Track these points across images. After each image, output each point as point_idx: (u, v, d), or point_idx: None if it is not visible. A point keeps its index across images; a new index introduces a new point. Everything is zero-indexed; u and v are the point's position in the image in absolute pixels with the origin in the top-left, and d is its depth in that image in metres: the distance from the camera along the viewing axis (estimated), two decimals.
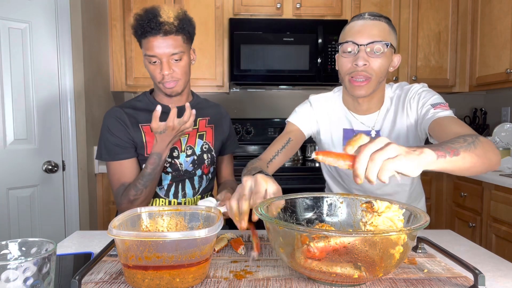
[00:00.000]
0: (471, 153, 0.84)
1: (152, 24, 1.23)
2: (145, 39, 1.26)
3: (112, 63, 2.71)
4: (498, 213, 2.06)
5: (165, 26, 1.23)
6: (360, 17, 1.16)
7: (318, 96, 1.35)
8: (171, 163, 1.37)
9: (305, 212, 0.90)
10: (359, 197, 0.88)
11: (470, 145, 0.85)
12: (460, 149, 0.82)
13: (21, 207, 2.07)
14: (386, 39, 1.13)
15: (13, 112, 2.01)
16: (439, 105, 1.14)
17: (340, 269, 0.68)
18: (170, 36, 1.25)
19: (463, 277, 0.77)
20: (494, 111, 3.00)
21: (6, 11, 1.97)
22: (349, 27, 1.17)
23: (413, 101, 1.21)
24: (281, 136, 1.31)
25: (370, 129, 1.26)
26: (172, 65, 1.28)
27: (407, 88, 1.25)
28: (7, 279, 0.54)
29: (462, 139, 0.87)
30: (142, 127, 1.36)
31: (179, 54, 1.27)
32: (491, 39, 2.54)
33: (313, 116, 1.33)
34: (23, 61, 2.04)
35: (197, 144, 1.41)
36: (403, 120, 1.23)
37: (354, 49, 1.13)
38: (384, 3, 2.76)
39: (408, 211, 0.78)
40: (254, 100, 3.14)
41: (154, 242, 0.68)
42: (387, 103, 1.26)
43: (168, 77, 1.28)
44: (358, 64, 1.12)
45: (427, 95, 1.19)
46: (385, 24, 1.15)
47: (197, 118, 1.43)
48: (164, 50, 1.25)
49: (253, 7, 2.71)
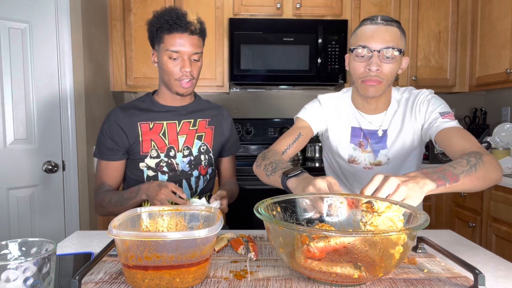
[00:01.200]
0: (471, 177, 0.93)
1: (180, 22, 1.28)
2: (170, 35, 1.29)
3: (112, 63, 2.71)
4: (498, 213, 2.06)
5: (192, 26, 1.30)
6: (373, 21, 1.18)
7: (326, 95, 1.39)
8: (168, 163, 1.38)
9: (305, 212, 0.90)
10: (359, 197, 0.87)
11: (472, 169, 0.94)
12: (460, 175, 0.91)
13: (21, 207, 2.07)
14: (398, 45, 1.16)
15: (13, 112, 2.01)
16: (447, 114, 1.20)
17: (340, 269, 0.68)
18: (195, 36, 1.32)
19: (463, 277, 0.77)
20: (494, 111, 3.00)
21: (6, 11, 1.97)
22: (362, 31, 1.19)
23: (422, 106, 1.25)
24: (292, 130, 1.34)
25: (377, 128, 1.30)
26: (192, 63, 1.33)
27: (416, 93, 1.29)
28: (7, 279, 0.54)
29: (466, 161, 0.96)
30: (140, 125, 1.38)
31: (199, 54, 1.34)
32: (491, 39, 2.54)
33: (322, 114, 1.36)
34: (23, 61, 2.04)
35: (195, 144, 1.42)
36: (411, 122, 1.27)
37: (367, 54, 1.16)
38: (384, 3, 2.76)
39: (408, 211, 0.78)
40: (254, 100, 3.14)
41: (154, 242, 0.68)
42: (394, 105, 1.31)
43: (188, 75, 1.32)
44: (371, 69, 1.16)
45: (436, 102, 1.24)
46: (396, 29, 1.17)
47: (197, 119, 1.44)
48: (189, 48, 1.30)
49: (253, 7, 2.71)
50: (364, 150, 1.32)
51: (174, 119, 1.41)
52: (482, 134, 2.79)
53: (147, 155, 1.37)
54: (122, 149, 1.38)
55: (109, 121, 1.38)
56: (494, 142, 2.58)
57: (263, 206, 0.79)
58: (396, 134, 1.28)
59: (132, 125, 1.37)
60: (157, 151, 1.37)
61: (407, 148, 1.29)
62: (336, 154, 1.37)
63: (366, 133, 1.31)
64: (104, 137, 1.38)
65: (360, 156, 1.32)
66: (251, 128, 3.03)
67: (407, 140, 1.28)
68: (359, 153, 1.32)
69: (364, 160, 1.32)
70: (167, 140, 1.39)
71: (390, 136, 1.29)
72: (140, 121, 1.38)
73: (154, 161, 1.37)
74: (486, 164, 0.97)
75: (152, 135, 1.38)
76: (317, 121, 1.35)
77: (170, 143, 1.39)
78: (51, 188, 2.18)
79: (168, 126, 1.40)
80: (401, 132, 1.28)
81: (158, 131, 1.38)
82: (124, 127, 1.36)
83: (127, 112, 1.38)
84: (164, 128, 1.39)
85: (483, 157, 0.98)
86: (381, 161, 1.31)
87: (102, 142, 1.39)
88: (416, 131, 1.27)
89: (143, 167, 1.38)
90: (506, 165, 2.19)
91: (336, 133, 1.35)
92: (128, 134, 1.36)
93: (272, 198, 0.86)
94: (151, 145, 1.37)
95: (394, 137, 1.29)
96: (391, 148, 1.29)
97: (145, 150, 1.37)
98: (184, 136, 1.41)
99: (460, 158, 0.98)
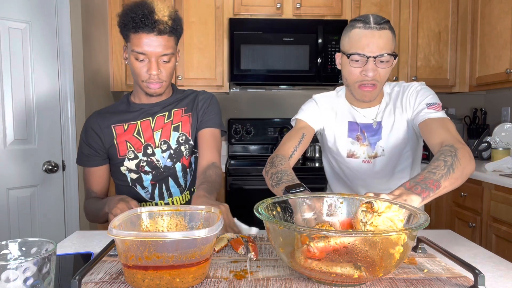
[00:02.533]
0: (451, 179, 0.97)
1: (146, 21, 1.17)
2: (136, 34, 1.19)
3: (112, 63, 2.71)
4: (498, 213, 2.06)
5: (160, 24, 1.18)
6: (366, 25, 1.17)
7: (321, 95, 1.41)
8: (148, 161, 1.33)
9: (305, 212, 0.89)
10: (359, 197, 0.88)
11: (450, 170, 0.99)
12: (440, 180, 0.95)
13: (21, 207, 2.07)
14: (391, 49, 1.19)
15: (13, 112, 2.01)
16: (433, 105, 1.22)
17: (340, 269, 0.68)
18: (164, 36, 1.20)
19: (463, 277, 0.77)
20: (494, 111, 3.00)
21: (6, 11, 1.97)
22: (356, 37, 1.19)
23: (411, 97, 1.27)
24: (295, 132, 1.35)
25: (371, 121, 1.33)
26: (160, 65, 1.23)
27: (406, 85, 1.32)
28: (7, 279, 0.54)
29: (443, 163, 1.00)
30: (114, 128, 1.34)
31: (169, 55, 1.23)
32: (491, 39, 2.54)
33: (319, 113, 1.37)
34: (23, 61, 2.04)
35: (172, 137, 1.35)
36: (402, 115, 1.30)
37: (363, 60, 1.18)
38: (384, 3, 2.76)
39: (408, 211, 0.78)
40: (254, 100, 3.14)
41: (154, 242, 0.68)
42: (386, 98, 1.34)
43: (155, 78, 1.23)
44: (368, 75, 1.18)
45: (424, 93, 1.26)
46: (389, 32, 1.18)
47: (171, 110, 1.37)
48: (156, 50, 1.20)
49: (253, 7, 2.71)
50: (362, 144, 1.34)
51: (147, 117, 1.35)
52: (482, 134, 2.79)
53: (125, 158, 1.33)
54: (100, 154, 1.35)
55: (85, 127, 1.37)
56: (494, 142, 2.58)
57: (263, 206, 0.79)
58: (391, 125, 1.31)
59: (106, 129, 1.33)
60: (134, 152, 1.33)
61: (401, 140, 1.31)
62: (335, 151, 1.38)
63: (362, 126, 1.34)
64: (81, 144, 1.37)
65: (359, 149, 1.35)
66: (251, 128, 3.03)
67: (400, 132, 1.30)
68: (358, 147, 1.35)
69: (363, 153, 1.34)
70: (143, 138, 1.33)
71: (385, 127, 1.32)
72: (113, 123, 1.34)
73: (133, 162, 1.33)
74: (462, 161, 1.01)
75: (126, 136, 1.33)
76: (315, 120, 1.36)
77: (147, 140, 1.33)
78: (51, 188, 2.18)
79: (141, 124, 1.34)
80: (394, 123, 1.30)
81: (132, 131, 1.34)
82: (98, 131, 1.33)
83: (101, 116, 1.36)
84: (138, 127, 1.34)
85: (458, 153, 1.02)
86: (377, 153, 1.33)
87: (80, 148, 1.38)
88: (409, 123, 1.30)
89: (124, 170, 1.34)
90: (506, 165, 2.19)
91: (333, 129, 1.37)
92: (102, 139, 1.33)
93: (272, 198, 0.86)
94: (127, 147, 1.33)
95: (388, 128, 1.31)
96: (386, 139, 1.31)
97: (122, 153, 1.33)
98: (160, 131, 1.34)
99: (437, 159, 1.01)
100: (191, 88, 1.54)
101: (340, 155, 1.37)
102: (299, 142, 1.31)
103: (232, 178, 2.51)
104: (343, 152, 1.36)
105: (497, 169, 2.20)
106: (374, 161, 1.34)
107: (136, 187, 1.36)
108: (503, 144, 2.51)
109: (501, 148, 2.44)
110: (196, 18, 2.71)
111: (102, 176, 1.38)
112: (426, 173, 0.97)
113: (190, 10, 2.71)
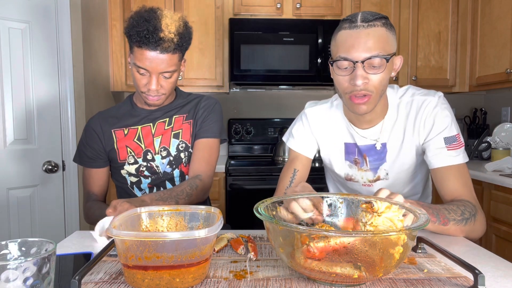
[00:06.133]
0: (458, 227, 0.96)
1: (151, 38, 1.14)
2: (139, 49, 1.17)
3: (112, 63, 2.71)
4: (498, 213, 2.06)
5: (164, 43, 1.15)
6: (352, 25, 0.99)
7: (315, 108, 1.24)
8: (148, 167, 1.34)
9: (305, 212, 0.89)
10: (359, 197, 0.88)
11: (463, 221, 0.97)
12: (451, 221, 0.93)
13: (21, 207, 2.07)
14: (384, 49, 0.98)
15: (13, 112, 2.01)
16: (453, 143, 1.06)
17: (340, 269, 0.68)
18: (168, 54, 1.18)
19: (463, 277, 0.77)
20: (494, 111, 3.00)
21: (6, 11, 1.97)
22: (341, 38, 1.01)
23: (427, 122, 1.09)
24: (286, 168, 1.25)
25: (374, 142, 1.14)
26: (161, 80, 1.22)
27: (420, 101, 1.10)
28: (7, 279, 0.54)
29: (461, 212, 0.97)
30: (115, 132, 1.35)
31: (171, 72, 1.22)
32: (491, 39, 2.54)
33: (310, 135, 1.24)
34: (23, 61, 2.04)
35: (172, 144, 1.35)
36: (414, 138, 1.12)
37: (350, 66, 0.99)
38: (384, 3, 2.76)
39: (408, 212, 0.78)
40: (254, 100, 3.14)
41: (154, 242, 0.68)
42: (392, 112, 1.13)
43: (154, 92, 1.22)
44: (356, 84, 0.98)
45: (443, 119, 1.08)
46: (381, 29, 0.98)
47: (173, 116, 1.37)
48: (158, 67, 1.18)
49: (253, 7, 2.71)
50: (360, 169, 1.19)
51: (148, 122, 1.35)
52: (482, 134, 2.79)
53: (125, 162, 1.34)
54: (102, 156, 1.36)
55: (86, 128, 1.37)
56: (494, 142, 2.58)
57: (263, 206, 0.79)
58: (398, 147, 1.13)
59: (107, 133, 1.34)
60: (134, 157, 1.33)
61: (410, 165, 1.15)
62: (332, 171, 1.28)
63: (363, 149, 1.16)
64: (83, 145, 1.37)
65: (357, 174, 1.20)
66: (251, 128, 3.03)
67: (408, 155, 1.13)
68: (356, 171, 1.20)
69: (362, 178, 1.20)
70: (143, 144, 1.34)
71: (390, 150, 1.14)
72: (114, 128, 1.35)
73: (133, 167, 1.34)
74: (476, 223, 1.00)
75: (127, 141, 1.34)
76: (308, 147, 1.24)
77: (147, 146, 1.34)
78: (51, 188, 2.18)
79: (142, 130, 1.35)
80: (402, 145, 1.12)
81: (133, 137, 1.34)
82: (100, 134, 1.34)
83: (103, 119, 1.36)
84: (139, 133, 1.34)
85: (477, 215, 1.00)
86: (379, 176, 1.18)
87: (82, 149, 1.37)
88: (418, 147, 1.12)
89: (124, 174, 1.36)
90: (506, 165, 2.19)
91: (328, 151, 1.23)
92: (103, 141, 1.34)
93: (272, 198, 0.86)
94: (127, 152, 1.33)
95: (395, 151, 1.14)
96: (391, 163, 1.15)
97: (122, 157, 1.34)
98: (160, 137, 1.34)
99: (457, 205, 0.98)
100: (191, 88, 1.54)
101: (338, 176, 1.26)
102: (290, 183, 1.20)
103: (232, 178, 2.51)
104: (341, 174, 1.24)
105: (497, 169, 2.20)
106: (376, 184, 1.19)
107: (134, 189, 1.38)
108: (503, 144, 2.51)
109: (501, 148, 2.44)
110: (196, 18, 2.71)
111: (103, 178, 1.39)
112: (442, 207, 0.94)
113: (190, 10, 2.71)
